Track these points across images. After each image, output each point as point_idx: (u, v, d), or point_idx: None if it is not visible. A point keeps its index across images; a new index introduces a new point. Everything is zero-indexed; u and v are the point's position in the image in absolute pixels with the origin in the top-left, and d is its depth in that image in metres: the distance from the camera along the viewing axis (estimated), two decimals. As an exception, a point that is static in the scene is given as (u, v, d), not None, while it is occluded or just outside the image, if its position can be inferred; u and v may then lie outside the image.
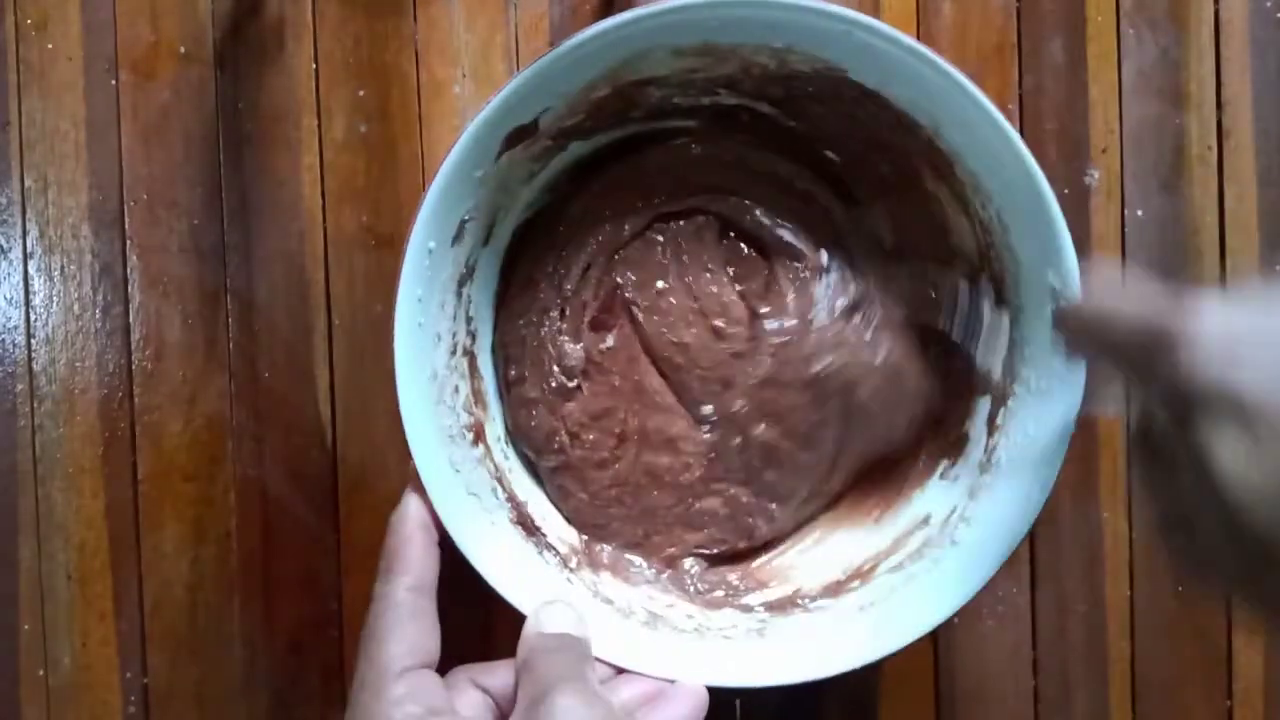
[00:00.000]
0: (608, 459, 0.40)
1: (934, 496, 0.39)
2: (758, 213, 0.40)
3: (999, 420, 0.37)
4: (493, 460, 0.39)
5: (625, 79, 0.35)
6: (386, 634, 0.32)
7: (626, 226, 0.40)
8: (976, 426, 0.38)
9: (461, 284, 0.38)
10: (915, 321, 0.40)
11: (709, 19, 0.33)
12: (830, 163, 0.40)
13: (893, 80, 0.34)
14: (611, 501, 0.40)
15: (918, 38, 0.39)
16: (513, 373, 0.40)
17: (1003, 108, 0.36)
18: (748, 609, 0.39)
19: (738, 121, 0.39)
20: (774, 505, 0.40)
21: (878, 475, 0.41)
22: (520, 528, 0.39)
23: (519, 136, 0.35)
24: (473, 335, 0.39)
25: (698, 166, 0.40)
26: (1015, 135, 0.33)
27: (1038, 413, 0.36)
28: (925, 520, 0.39)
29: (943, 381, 0.40)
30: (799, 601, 0.39)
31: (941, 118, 0.35)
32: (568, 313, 0.40)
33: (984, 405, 0.38)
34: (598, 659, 0.35)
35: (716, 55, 0.35)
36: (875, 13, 0.37)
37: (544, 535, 0.39)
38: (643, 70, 0.35)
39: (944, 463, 0.39)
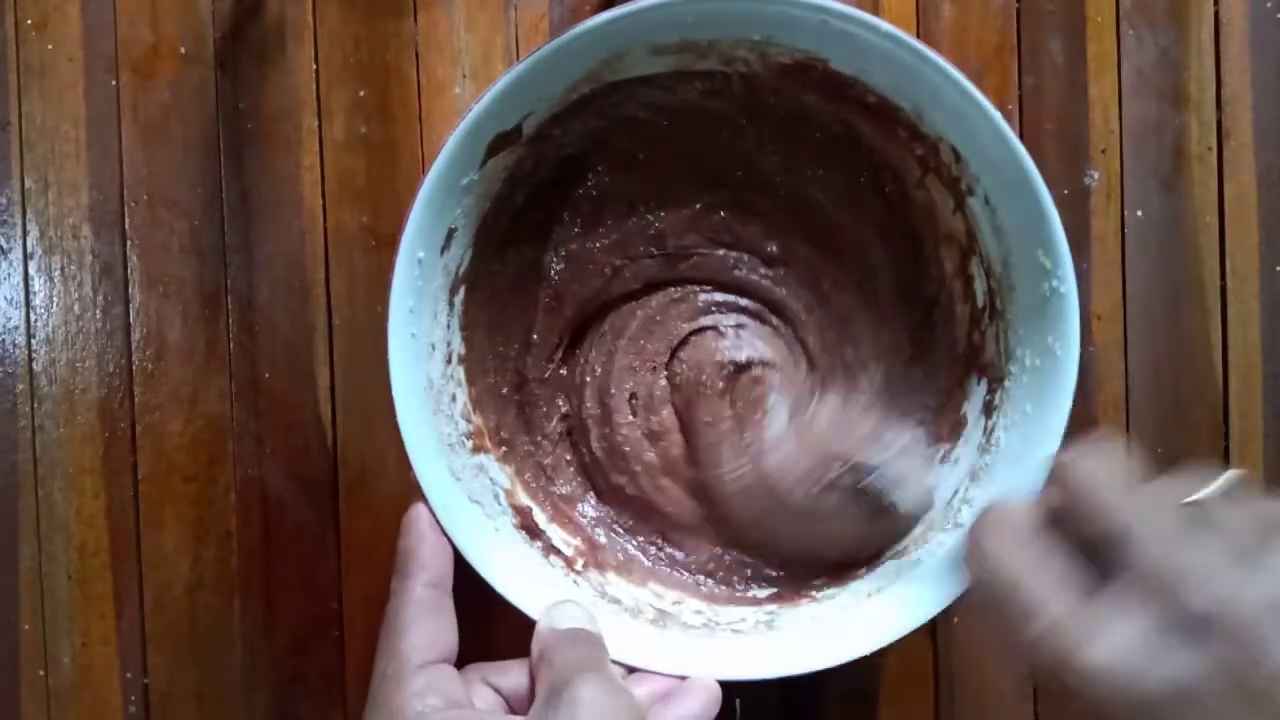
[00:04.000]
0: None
1: (936, 480, 0.39)
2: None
3: (996, 401, 0.38)
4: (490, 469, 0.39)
5: (605, 80, 0.36)
6: (407, 629, 0.33)
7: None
8: (974, 409, 0.39)
9: (453, 292, 0.38)
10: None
11: (686, 14, 0.33)
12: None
13: (872, 67, 0.34)
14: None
15: (918, 38, 0.39)
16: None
17: (1003, 108, 0.36)
18: (756, 602, 0.39)
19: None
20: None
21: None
22: (524, 532, 0.39)
23: (503, 142, 0.35)
24: (466, 342, 0.39)
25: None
26: (996, 114, 0.33)
27: (1034, 392, 0.36)
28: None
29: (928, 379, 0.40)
30: (806, 591, 0.39)
31: (923, 101, 0.35)
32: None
33: (980, 387, 0.38)
34: (611, 659, 0.35)
35: (696, 51, 0.35)
36: (876, 14, 0.37)
37: (548, 539, 0.39)
38: (622, 70, 0.35)
39: (944, 446, 0.39)
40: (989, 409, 0.38)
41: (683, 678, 0.35)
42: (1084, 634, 0.27)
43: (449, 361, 0.38)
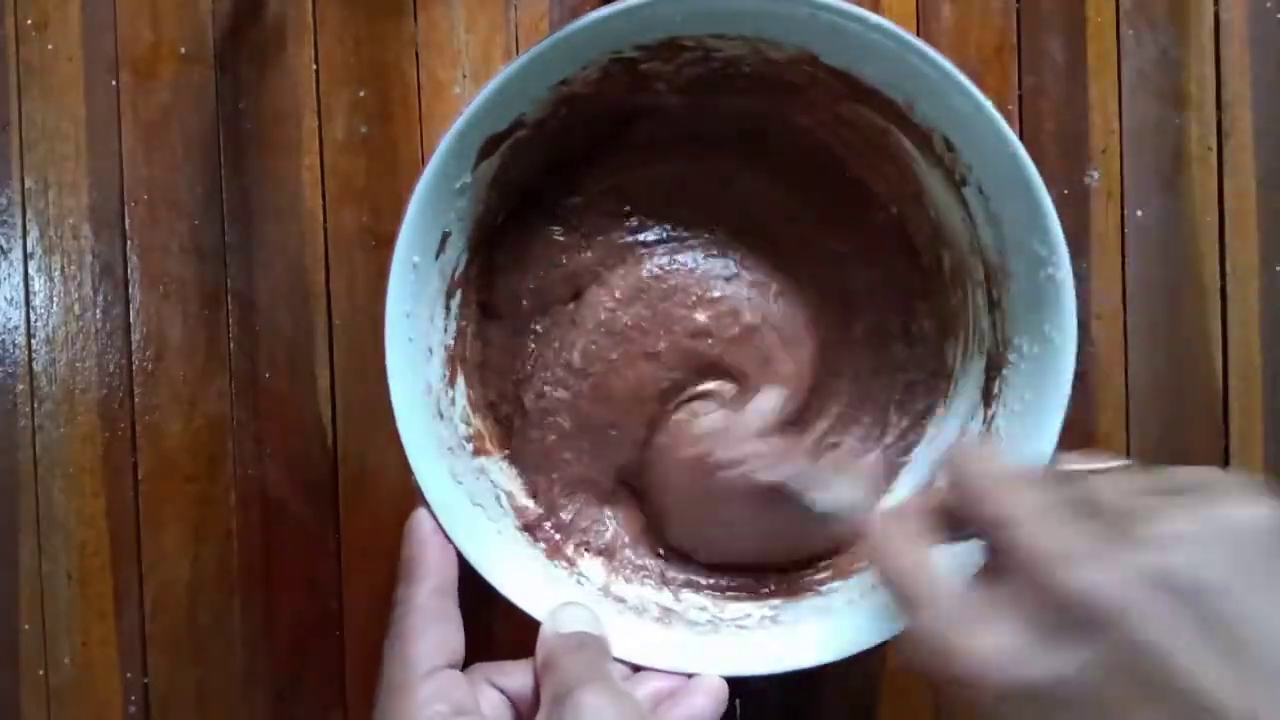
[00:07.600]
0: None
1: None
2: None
3: (996, 390, 0.38)
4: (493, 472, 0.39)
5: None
6: (413, 636, 0.33)
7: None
8: (973, 397, 0.39)
9: (449, 296, 0.38)
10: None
11: (674, 13, 0.33)
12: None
13: (862, 59, 0.34)
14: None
15: (917, 38, 0.39)
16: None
17: (1003, 108, 0.36)
18: (760, 596, 0.39)
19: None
20: None
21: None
22: (527, 534, 0.39)
23: (495, 144, 0.35)
24: (465, 345, 0.39)
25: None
26: (987, 103, 0.33)
27: (1033, 379, 0.36)
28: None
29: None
30: (810, 585, 0.39)
31: (914, 92, 0.35)
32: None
33: (980, 377, 0.39)
34: (615, 659, 0.35)
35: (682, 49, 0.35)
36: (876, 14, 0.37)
37: (552, 539, 0.39)
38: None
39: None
40: (988, 398, 0.38)
41: (689, 675, 0.35)
42: (962, 630, 0.25)
43: (447, 365, 0.38)
